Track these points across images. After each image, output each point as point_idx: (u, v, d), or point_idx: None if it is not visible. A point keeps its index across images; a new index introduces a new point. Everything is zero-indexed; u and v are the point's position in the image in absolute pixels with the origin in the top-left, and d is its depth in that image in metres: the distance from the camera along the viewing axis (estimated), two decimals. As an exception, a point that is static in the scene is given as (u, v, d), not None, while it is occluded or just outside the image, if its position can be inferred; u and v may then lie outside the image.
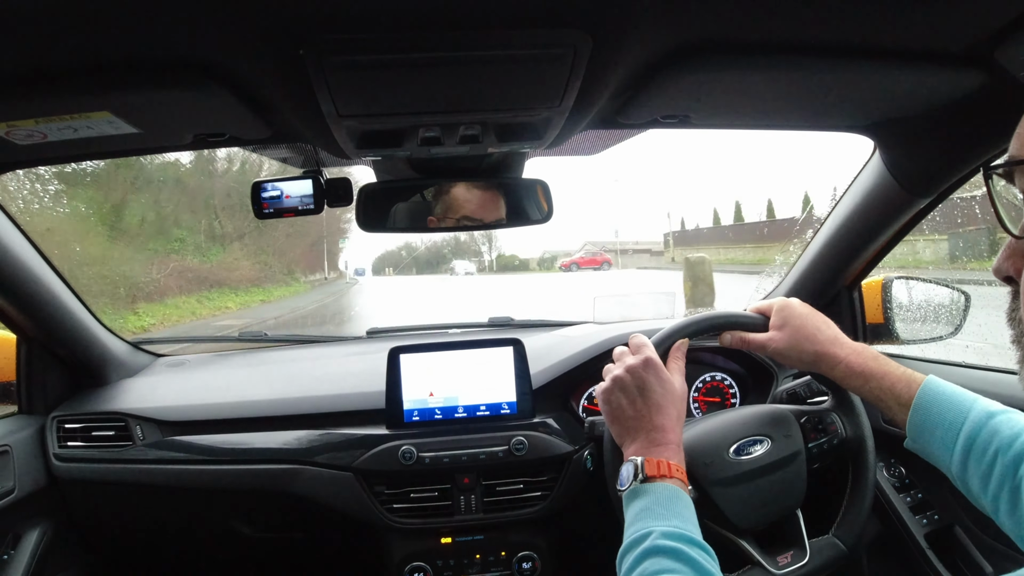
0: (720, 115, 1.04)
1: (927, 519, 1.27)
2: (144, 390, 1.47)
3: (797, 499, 1.05)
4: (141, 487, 1.33)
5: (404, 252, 40.71)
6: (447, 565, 1.30)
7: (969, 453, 0.78)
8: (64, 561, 1.36)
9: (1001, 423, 0.77)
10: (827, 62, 0.81)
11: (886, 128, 1.09)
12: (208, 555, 1.54)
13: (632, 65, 0.80)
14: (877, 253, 1.38)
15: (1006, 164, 0.50)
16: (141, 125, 0.87)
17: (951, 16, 0.71)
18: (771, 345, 1.00)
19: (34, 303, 1.27)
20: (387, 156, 1.09)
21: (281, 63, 0.70)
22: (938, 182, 1.13)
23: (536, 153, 1.16)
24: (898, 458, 1.35)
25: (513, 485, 1.30)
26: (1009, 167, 0.50)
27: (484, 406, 1.35)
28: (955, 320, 1.41)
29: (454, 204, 1.21)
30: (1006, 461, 0.74)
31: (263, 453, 1.32)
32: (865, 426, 1.08)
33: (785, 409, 1.11)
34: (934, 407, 0.83)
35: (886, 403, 0.88)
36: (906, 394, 0.86)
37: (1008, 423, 0.77)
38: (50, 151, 0.97)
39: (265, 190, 1.13)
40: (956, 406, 0.81)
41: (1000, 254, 0.52)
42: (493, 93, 0.82)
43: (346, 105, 0.80)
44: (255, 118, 0.89)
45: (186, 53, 0.71)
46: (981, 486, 0.76)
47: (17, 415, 1.38)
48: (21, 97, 0.76)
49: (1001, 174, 0.50)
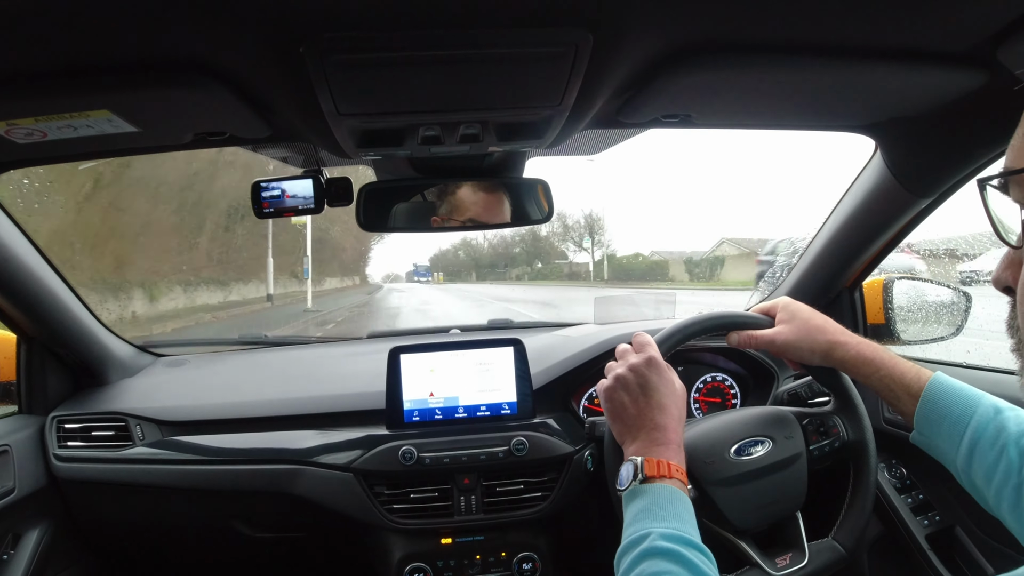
0: (722, 115, 1.04)
1: (928, 520, 1.27)
2: (144, 390, 1.47)
3: (797, 501, 1.05)
4: (141, 487, 1.32)
5: (462, 252, 36.01)
6: (447, 566, 1.29)
7: (975, 447, 0.78)
8: (64, 561, 1.36)
9: (1008, 419, 0.78)
10: (829, 62, 0.81)
11: (888, 128, 1.08)
12: (208, 555, 1.54)
13: (633, 64, 0.80)
14: (878, 253, 1.38)
15: (1001, 175, 0.50)
16: (141, 124, 0.87)
17: (953, 16, 0.71)
18: (780, 338, 1.01)
19: (34, 303, 1.27)
20: (387, 155, 1.09)
21: (281, 61, 0.70)
22: (939, 182, 1.13)
23: (536, 152, 1.16)
24: (900, 459, 1.35)
25: (513, 486, 1.29)
26: (1004, 178, 0.49)
27: (484, 406, 1.35)
28: (956, 321, 1.40)
29: (458, 205, 1.20)
30: (1011, 456, 0.74)
31: (263, 453, 1.32)
32: (867, 429, 1.08)
33: (787, 411, 1.11)
34: (943, 399, 0.83)
35: (895, 392, 0.88)
36: (916, 384, 0.86)
37: (1015, 419, 0.77)
38: (50, 150, 0.97)
39: (265, 189, 1.13)
40: (964, 400, 0.82)
41: (999, 264, 0.52)
42: (494, 92, 0.82)
43: (346, 104, 0.80)
44: (255, 117, 0.89)
45: (186, 52, 0.71)
46: (985, 481, 0.76)
47: (17, 415, 1.38)
48: (21, 96, 0.76)
49: (996, 186, 0.50)
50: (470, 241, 36.48)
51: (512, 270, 31.08)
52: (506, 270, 31.28)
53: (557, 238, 32.02)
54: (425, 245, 59.00)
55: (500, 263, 34.53)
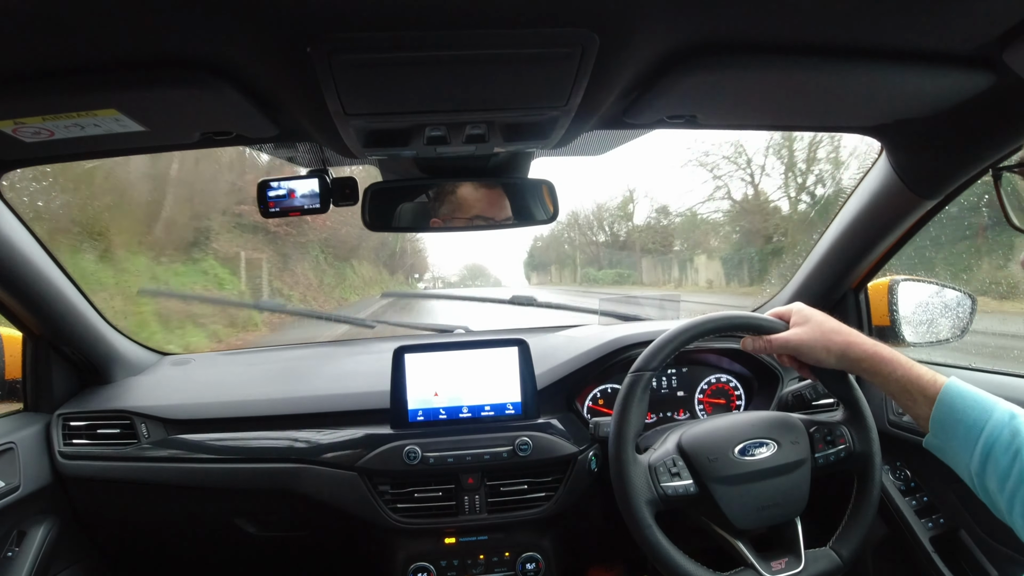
0: (727, 115, 1.04)
1: (932, 523, 1.26)
2: (149, 388, 1.47)
3: (798, 506, 1.05)
4: (146, 485, 1.33)
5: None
6: (451, 565, 1.30)
7: (990, 452, 0.78)
8: (69, 558, 1.36)
9: (1023, 424, 0.78)
10: (835, 63, 0.81)
11: (894, 129, 1.08)
12: (212, 553, 1.54)
13: (639, 65, 0.80)
14: (883, 255, 1.38)
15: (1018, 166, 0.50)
16: (148, 123, 0.88)
17: (959, 17, 0.71)
18: (795, 339, 1.02)
19: (40, 301, 1.27)
20: (393, 156, 1.09)
21: (288, 62, 0.70)
22: (945, 184, 1.13)
23: (542, 153, 1.16)
24: (904, 461, 1.34)
25: (517, 486, 1.29)
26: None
27: (489, 406, 1.35)
28: (961, 323, 1.40)
29: (462, 205, 1.21)
30: None
31: (267, 452, 1.33)
32: (875, 442, 1.08)
33: (795, 417, 1.11)
34: (958, 403, 0.83)
35: (912, 394, 0.88)
36: (932, 388, 0.86)
37: None
38: (57, 149, 0.97)
39: (272, 189, 1.13)
40: (980, 405, 0.82)
41: None
42: (500, 92, 0.82)
43: (353, 104, 0.80)
44: (262, 117, 0.90)
45: (194, 52, 0.71)
46: (999, 486, 0.77)
47: (23, 412, 1.38)
48: (28, 94, 0.76)
49: (1019, 172, 0.50)
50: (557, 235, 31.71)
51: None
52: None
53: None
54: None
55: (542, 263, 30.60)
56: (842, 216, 1.36)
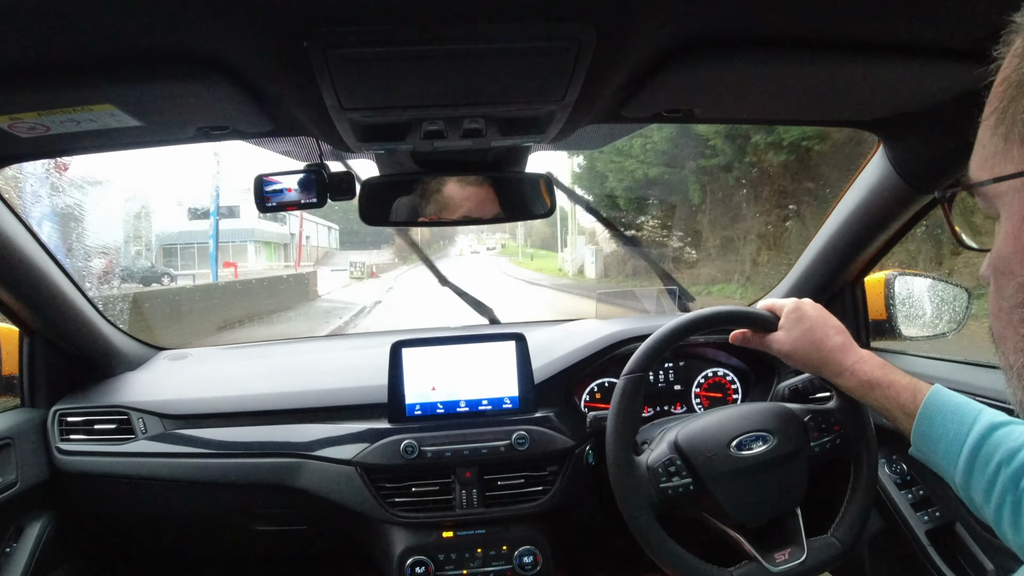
0: (724, 109, 1.04)
1: (928, 516, 1.27)
2: (146, 383, 1.47)
3: (797, 497, 1.06)
4: (143, 480, 1.33)
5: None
6: (448, 559, 1.30)
7: (973, 464, 0.77)
8: (66, 553, 1.36)
9: (1005, 435, 0.77)
10: (832, 57, 0.80)
11: (891, 123, 1.08)
12: (209, 548, 1.54)
13: (636, 59, 0.79)
14: (880, 249, 1.38)
15: (963, 187, 0.48)
16: (144, 118, 0.87)
17: (957, 11, 0.71)
18: (776, 346, 1.03)
19: (37, 296, 1.27)
20: (390, 150, 1.09)
21: (284, 56, 0.70)
22: (943, 178, 1.13)
23: (540, 147, 1.16)
24: (900, 455, 1.35)
25: (515, 480, 1.30)
26: (966, 189, 0.48)
27: (486, 401, 1.35)
28: (957, 317, 1.40)
29: (461, 199, 1.21)
30: (1008, 473, 0.73)
31: (265, 446, 1.33)
32: (869, 427, 1.08)
33: (789, 407, 1.11)
34: (938, 418, 0.83)
35: (891, 413, 0.89)
36: (911, 404, 0.86)
37: (1012, 435, 0.76)
38: (52, 144, 0.97)
39: (268, 183, 1.13)
40: (961, 417, 0.81)
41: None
42: (496, 87, 0.82)
43: (349, 98, 0.80)
44: (258, 111, 0.89)
45: (189, 46, 0.71)
46: (984, 497, 0.76)
47: (19, 408, 1.38)
48: (23, 90, 0.76)
49: (972, 193, 0.48)
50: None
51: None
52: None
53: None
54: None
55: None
56: (839, 210, 1.36)
